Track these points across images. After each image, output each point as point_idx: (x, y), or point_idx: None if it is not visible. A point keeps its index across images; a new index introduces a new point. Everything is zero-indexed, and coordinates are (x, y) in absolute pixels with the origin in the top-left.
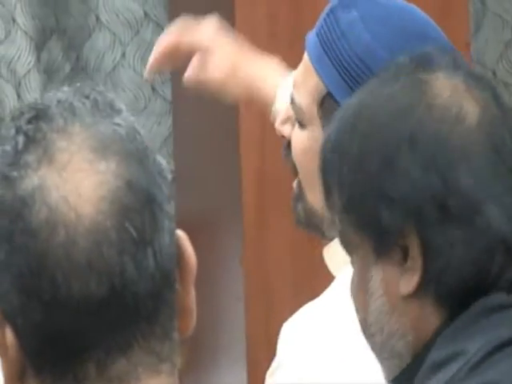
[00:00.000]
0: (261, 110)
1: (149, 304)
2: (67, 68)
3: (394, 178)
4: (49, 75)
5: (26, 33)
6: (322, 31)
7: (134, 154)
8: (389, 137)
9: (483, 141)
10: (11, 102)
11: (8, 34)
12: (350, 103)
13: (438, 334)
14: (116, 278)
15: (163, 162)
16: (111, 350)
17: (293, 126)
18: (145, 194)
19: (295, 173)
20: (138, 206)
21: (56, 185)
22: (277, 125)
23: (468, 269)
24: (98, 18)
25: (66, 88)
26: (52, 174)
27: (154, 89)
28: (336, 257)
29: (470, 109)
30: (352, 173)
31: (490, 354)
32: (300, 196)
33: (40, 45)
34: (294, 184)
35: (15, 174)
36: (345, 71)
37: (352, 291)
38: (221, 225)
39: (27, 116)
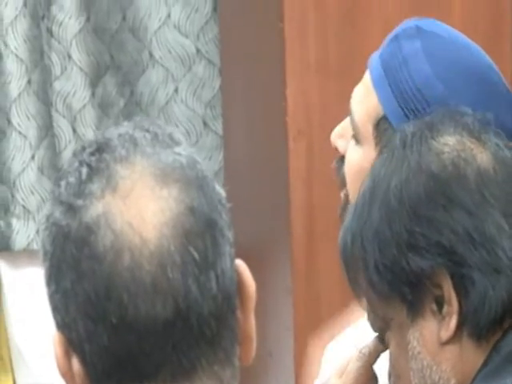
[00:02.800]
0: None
1: (212, 326)
2: (121, 103)
3: (422, 228)
4: (103, 110)
5: (81, 69)
6: (385, 55)
7: (194, 181)
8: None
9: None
10: (67, 137)
11: (64, 69)
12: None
13: (479, 371)
14: (180, 299)
15: (222, 190)
16: (176, 374)
17: (347, 141)
18: (206, 219)
19: (343, 184)
20: (199, 231)
21: (120, 211)
22: (332, 137)
23: (503, 302)
24: (151, 55)
25: (125, 123)
26: (116, 201)
27: (205, 123)
28: None
29: (482, 156)
30: (375, 241)
31: None
32: (346, 206)
33: (95, 80)
34: (342, 194)
35: (80, 202)
36: (402, 99)
37: (391, 363)
38: (270, 255)
39: (89, 149)
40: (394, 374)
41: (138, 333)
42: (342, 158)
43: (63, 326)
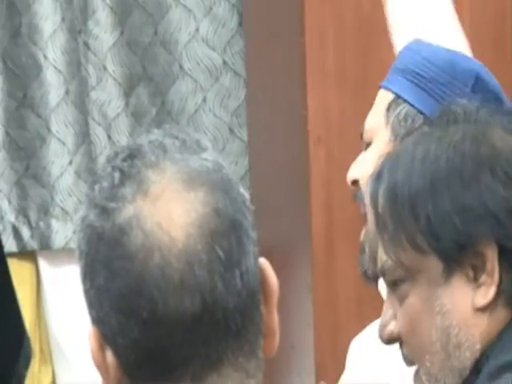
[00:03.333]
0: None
1: (237, 320)
2: (153, 112)
3: (478, 194)
4: (136, 118)
5: (115, 80)
6: (394, 65)
7: (219, 184)
8: (470, 161)
9: None
10: (102, 143)
11: (99, 80)
12: (409, 150)
13: (501, 338)
14: (207, 295)
15: (246, 193)
16: (204, 365)
17: (361, 167)
18: (231, 220)
19: (364, 221)
20: (224, 231)
21: (150, 213)
22: (349, 175)
23: None
24: (181, 66)
25: (155, 130)
26: (146, 204)
27: (231, 131)
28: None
29: None
30: (431, 200)
31: None
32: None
33: (128, 91)
34: (362, 234)
35: (113, 205)
36: (411, 74)
37: (405, 321)
38: (291, 254)
39: (122, 155)
40: (411, 326)
41: (167, 327)
42: (356, 186)
43: (98, 320)
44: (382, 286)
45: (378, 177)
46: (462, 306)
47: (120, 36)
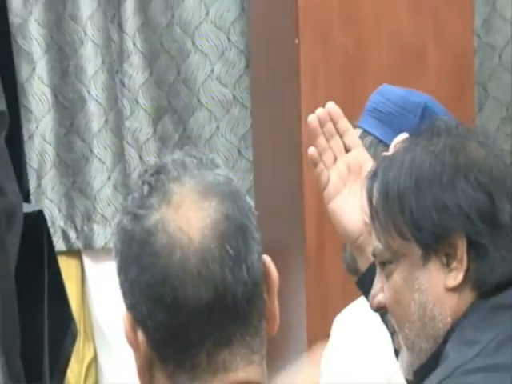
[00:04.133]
0: None
1: (244, 306)
2: (176, 137)
3: (454, 195)
4: (162, 142)
5: (145, 111)
6: (368, 106)
7: (229, 194)
8: (448, 168)
9: (503, 169)
10: (134, 162)
11: (132, 111)
12: (400, 155)
13: (466, 315)
14: (219, 284)
15: (251, 201)
16: (217, 343)
17: None
18: (238, 224)
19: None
20: (233, 232)
21: (173, 219)
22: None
23: (504, 266)
24: (199, 100)
25: (178, 151)
26: (169, 211)
27: (239, 152)
28: None
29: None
30: (415, 197)
31: (501, 344)
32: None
33: (156, 120)
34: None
35: (142, 212)
36: (374, 112)
37: (390, 295)
38: (288, 253)
39: (150, 171)
40: (395, 299)
41: (186, 311)
42: None
43: (130, 306)
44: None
45: (373, 175)
46: (437, 286)
47: (149, 76)
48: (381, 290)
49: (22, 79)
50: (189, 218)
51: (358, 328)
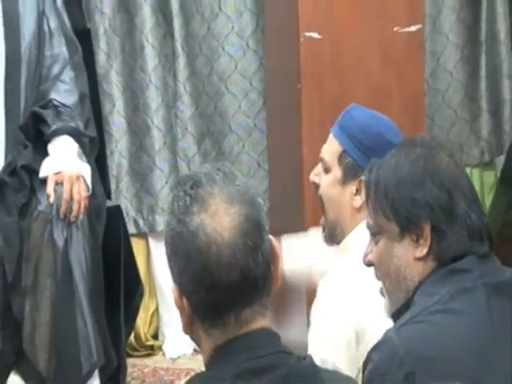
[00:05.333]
0: None
1: (261, 281)
2: (214, 154)
3: (423, 192)
4: (204, 157)
5: (192, 135)
6: (340, 120)
7: (247, 200)
8: (421, 172)
9: (461, 175)
10: (184, 171)
11: (183, 135)
12: (381, 169)
13: (429, 276)
14: (244, 269)
15: (263, 202)
16: (242, 308)
17: (319, 176)
18: (255, 222)
19: (322, 205)
20: (252, 230)
21: (209, 223)
22: (310, 176)
23: (457, 245)
24: (230, 127)
25: (207, 165)
26: (207, 217)
27: (258, 164)
28: (342, 249)
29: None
30: (397, 195)
31: (454, 294)
32: (324, 218)
33: (200, 141)
34: (322, 219)
35: (187, 218)
36: (354, 138)
37: (377, 256)
38: None
39: (189, 184)
40: (380, 260)
41: (221, 289)
42: (317, 188)
43: (178, 283)
44: (339, 250)
45: (369, 171)
46: (408, 255)
47: (195, 110)
48: (371, 251)
49: (105, 113)
50: (221, 221)
51: (335, 286)
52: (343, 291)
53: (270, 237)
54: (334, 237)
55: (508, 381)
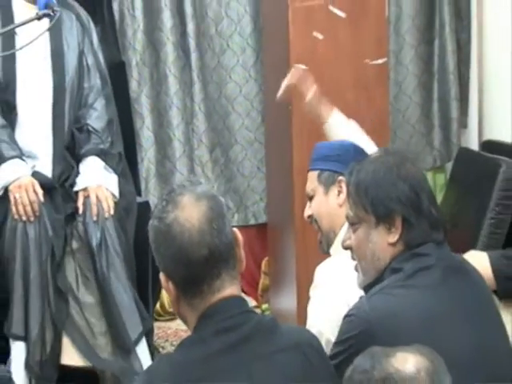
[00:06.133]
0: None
1: (226, 254)
2: (222, 160)
3: (396, 191)
4: (215, 163)
5: (206, 146)
6: (311, 157)
7: (210, 197)
8: (394, 175)
9: (423, 178)
10: (199, 174)
11: (198, 146)
12: (361, 172)
13: (397, 256)
14: (211, 246)
15: (223, 199)
16: (213, 278)
17: (309, 206)
18: (218, 212)
19: (317, 225)
20: (216, 217)
21: (182, 215)
22: (304, 215)
23: (421, 234)
24: (235, 140)
25: (185, 180)
26: (179, 211)
27: (258, 169)
28: (336, 245)
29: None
30: (375, 192)
31: (415, 272)
32: (321, 235)
33: (211, 151)
34: (318, 235)
35: (164, 215)
36: (321, 159)
37: (355, 242)
38: (284, 227)
39: (166, 193)
40: (357, 245)
41: (195, 265)
42: (311, 217)
43: (163, 269)
44: (331, 251)
45: (350, 174)
46: (382, 241)
47: (208, 125)
48: (349, 238)
49: (137, 128)
50: (190, 213)
51: (330, 273)
52: (335, 280)
53: (234, 229)
54: (330, 242)
55: (460, 346)
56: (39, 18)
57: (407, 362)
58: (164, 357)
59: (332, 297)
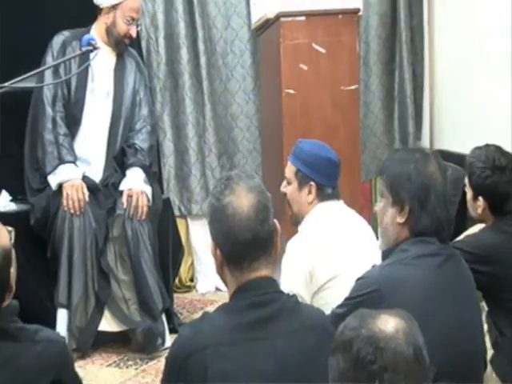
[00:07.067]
0: None
1: (266, 241)
2: (228, 166)
3: (409, 184)
4: (222, 168)
5: (215, 154)
6: (293, 151)
7: (260, 191)
8: (409, 171)
9: (440, 181)
10: (209, 177)
11: (208, 154)
12: (392, 160)
13: (405, 239)
14: (255, 232)
15: (269, 194)
16: (253, 258)
17: (286, 188)
18: (264, 205)
19: (289, 204)
20: (262, 209)
21: (235, 200)
22: (281, 189)
23: (422, 227)
24: (238, 149)
25: (233, 171)
26: (234, 197)
27: (256, 172)
28: (302, 226)
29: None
30: (394, 177)
31: (421, 255)
32: (291, 211)
33: (220, 158)
34: (290, 211)
35: (221, 197)
36: (300, 161)
37: (379, 209)
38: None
39: (223, 179)
40: (380, 212)
41: (240, 243)
42: (285, 194)
43: (214, 240)
44: (299, 228)
45: (384, 168)
46: (393, 218)
47: (216, 137)
48: (378, 206)
49: (160, 140)
50: (242, 201)
51: (296, 245)
52: (302, 248)
53: (275, 220)
54: (297, 221)
55: (447, 319)
56: (83, 53)
57: (389, 323)
58: (206, 316)
59: (297, 263)
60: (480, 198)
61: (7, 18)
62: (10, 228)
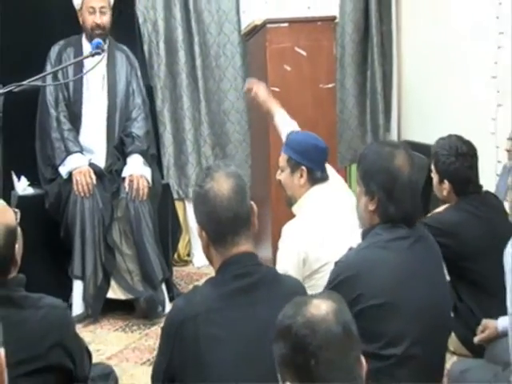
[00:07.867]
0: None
1: (245, 219)
2: (221, 156)
3: (377, 176)
4: (216, 157)
5: (209, 145)
6: (285, 141)
7: (237, 176)
8: (379, 164)
9: (407, 173)
10: (205, 165)
11: (203, 145)
12: (366, 154)
13: (376, 225)
14: (235, 211)
15: (246, 179)
16: (235, 234)
17: (280, 176)
18: (242, 188)
19: (283, 188)
20: (240, 191)
21: (216, 185)
22: (276, 176)
23: (390, 214)
24: (230, 141)
25: (217, 161)
26: (214, 183)
27: (246, 161)
28: (296, 209)
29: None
30: (366, 170)
31: (393, 239)
32: (286, 194)
33: (213, 148)
34: (285, 194)
35: (203, 184)
36: (292, 149)
37: (356, 196)
38: (263, 201)
39: (206, 168)
40: (356, 198)
41: (223, 222)
42: (280, 181)
43: (199, 222)
44: (293, 210)
45: (359, 161)
46: (365, 206)
47: (210, 131)
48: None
49: (160, 132)
50: (222, 185)
51: (292, 229)
52: (296, 233)
53: (251, 202)
54: (291, 203)
55: (418, 297)
56: (92, 55)
57: (320, 307)
58: (197, 289)
59: (292, 246)
60: (445, 182)
61: (7, 18)
62: (16, 209)
